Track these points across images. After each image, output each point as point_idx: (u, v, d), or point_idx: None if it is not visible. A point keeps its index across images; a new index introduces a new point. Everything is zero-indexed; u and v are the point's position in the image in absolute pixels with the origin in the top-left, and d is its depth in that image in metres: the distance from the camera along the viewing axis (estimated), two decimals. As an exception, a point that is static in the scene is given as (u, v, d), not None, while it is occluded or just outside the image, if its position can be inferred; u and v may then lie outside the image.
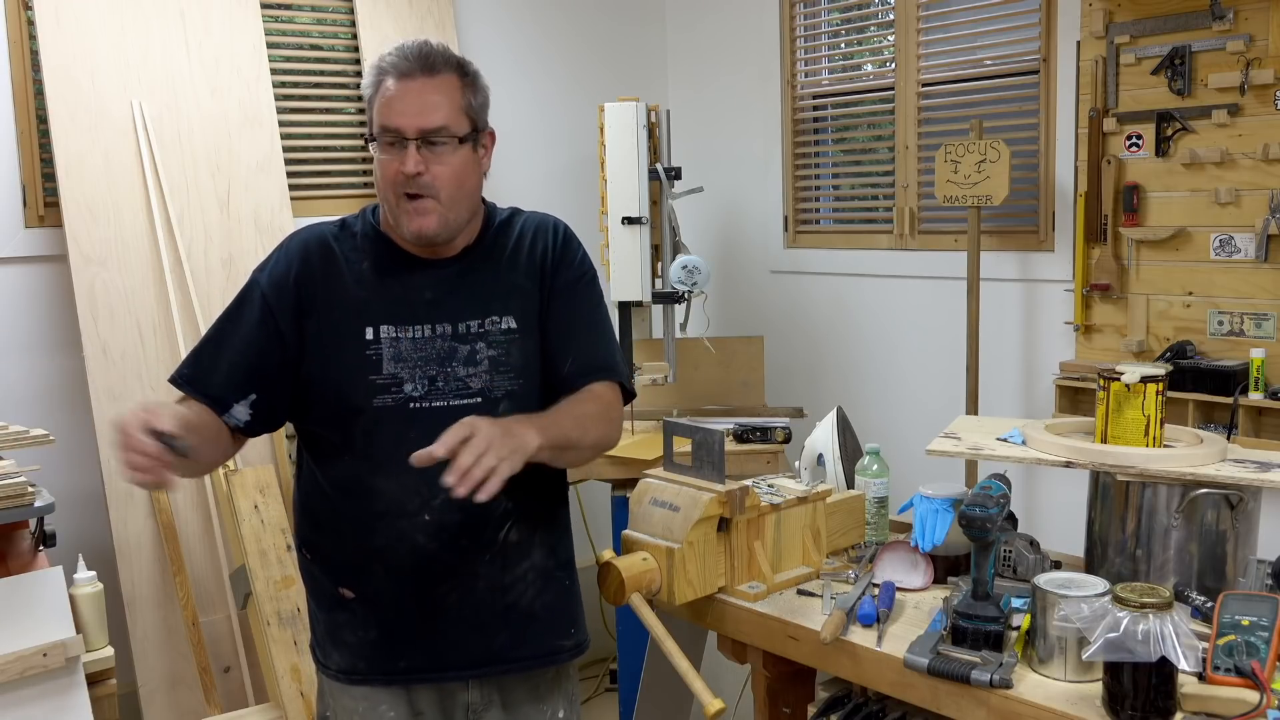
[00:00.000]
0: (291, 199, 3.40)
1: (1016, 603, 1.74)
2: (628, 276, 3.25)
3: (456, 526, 1.75)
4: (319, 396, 1.76)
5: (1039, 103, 3.31)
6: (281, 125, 3.42)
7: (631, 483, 2.20)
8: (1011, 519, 2.00)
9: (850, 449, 2.27)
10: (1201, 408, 2.84)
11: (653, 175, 3.28)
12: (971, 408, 3.28)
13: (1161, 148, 2.97)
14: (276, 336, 1.75)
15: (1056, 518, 3.12)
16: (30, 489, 2.44)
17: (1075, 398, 3.16)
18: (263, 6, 3.42)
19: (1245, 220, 2.85)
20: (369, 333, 1.74)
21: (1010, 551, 1.97)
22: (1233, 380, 2.78)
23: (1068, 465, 1.86)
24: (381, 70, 1.73)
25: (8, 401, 3.07)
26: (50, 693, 2.39)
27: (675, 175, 3.32)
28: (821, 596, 1.88)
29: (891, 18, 3.71)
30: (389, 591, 1.78)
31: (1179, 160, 2.95)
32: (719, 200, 4.15)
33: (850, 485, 2.20)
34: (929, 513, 1.95)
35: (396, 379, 1.73)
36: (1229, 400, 2.74)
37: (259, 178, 3.33)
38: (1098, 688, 1.51)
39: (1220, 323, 2.92)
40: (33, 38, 3.09)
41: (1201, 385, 2.82)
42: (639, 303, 3.32)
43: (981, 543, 1.66)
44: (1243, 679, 1.47)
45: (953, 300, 3.45)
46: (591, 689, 3.80)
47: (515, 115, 3.89)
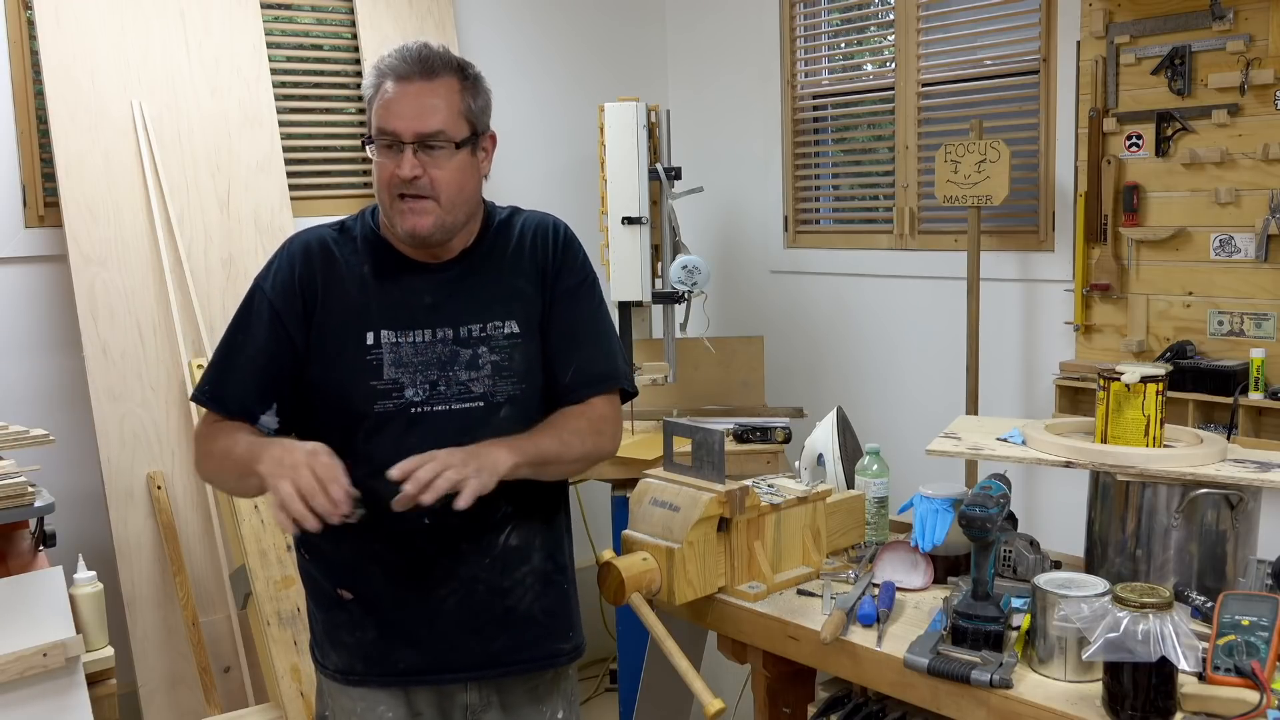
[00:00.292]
0: (291, 199, 3.40)
1: (1016, 603, 1.74)
2: (628, 276, 3.25)
3: (456, 530, 1.75)
4: (321, 401, 1.76)
5: (1039, 103, 3.30)
6: (281, 125, 3.42)
7: (631, 483, 2.19)
8: (1011, 519, 2.00)
9: (850, 449, 2.27)
10: (1201, 408, 2.84)
11: (653, 175, 3.28)
12: (971, 408, 3.28)
13: (1161, 148, 2.97)
14: (287, 342, 1.75)
15: (1056, 518, 3.12)
16: (30, 489, 2.44)
17: (1075, 398, 3.16)
18: (263, 6, 3.42)
19: (1245, 220, 2.85)
20: (369, 337, 1.74)
21: (1010, 551, 1.97)
22: (1233, 380, 2.78)
23: (1068, 465, 1.86)
24: (381, 72, 1.72)
25: (8, 401, 3.07)
26: (50, 693, 2.39)
27: (675, 175, 3.32)
28: (821, 596, 1.88)
29: (891, 18, 3.71)
30: (388, 593, 1.78)
31: (1179, 160, 2.95)
32: (719, 200, 4.15)
33: (850, 485, 2.20)
34: (929, 513, 1.95)
35: (398, 384, 1.73)
36: (1229, 400, 2.74)
37: (259, 178, 3.33)
38: (1098, 688, 1.51)
39: (1220, 323, 2.92)
40: (33, 38, 3.09)
41: (1201, 385, 2.82)
42: (639, 303, 3.32)
43: (981, 543, 1.66)
44: (1243, 679, 1.47)
45: (953, 300, 3.45)
46: (591, 689, 3.80)
47: (515, 115, 3.89)
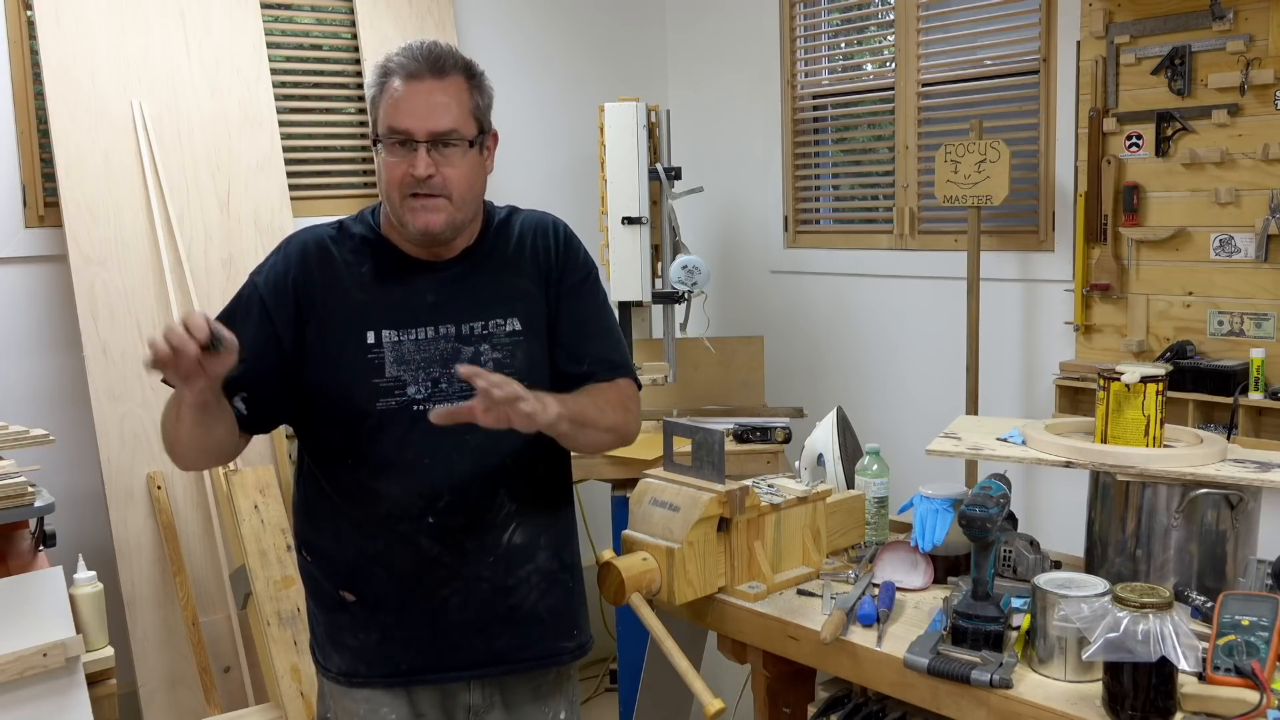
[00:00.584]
0: (291, 199, 3.39)
1: (1016, 603, 1.74)
2: (628, 276, 3.25)
3: (460, 529, 1.75)
4: (323, 401, 1.76)
5: (1039, 103, 3.30)
6: (281, 125, 3.42)
7: (631, 483, 2.20)
8: (1011, 519, 2.00)
9: (850, 449, 2.27)
10: (1201, 408, 2.84)
11: (653, 175, 3.28)
12: (971, 408, 3.28)
13: (1161, 148, 2.97)
14: (274, 340, 1.73)
15: (1056, 518, 3.12)
16: (30, 489, 2.44)
17: (1075, 398, 3.16)
18: (263, 6, 3.42)
19: (1245, 220, 2.85)
20: (370, 336, 1.73)
21: (1010, 551, 1.97)
22: (1233, 380, 2.78)
23: (1068, 465, 1.86)
24: (388, 70, 1.70)
25: (8, 401, 3.07)
26: (50, 693, 2.39)
27: (675, 175, 3.32)
28: (821, 596, 1.88)
29: (891, 18, 3.71)
30: (390, 594, 1.77)
31: (1179, 160, 2.94)
32: (719, 200, 4.15)
33: (850, 485, 2.20)
34: (929, 513, 1.95)
35: (399, 382, 1.72)
36: (1229, 400, 2.74)
37: (259, 178, 3.33)
38: (1098, 688, 1.51)
39: (1220, 323, 2.91)
40: (33, 38, 3.09)
41: (1201, 385, 2.82)
42: (639, 303, 3.32)
43: (981, 543, 1.66)
44: (1243, 679, 1.47)
45: (953, 300, 3.45)
46: (591, 689, 3.80)
47: (515, 115, 3.89)
